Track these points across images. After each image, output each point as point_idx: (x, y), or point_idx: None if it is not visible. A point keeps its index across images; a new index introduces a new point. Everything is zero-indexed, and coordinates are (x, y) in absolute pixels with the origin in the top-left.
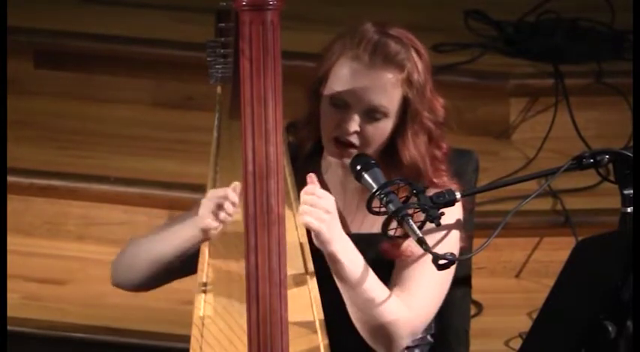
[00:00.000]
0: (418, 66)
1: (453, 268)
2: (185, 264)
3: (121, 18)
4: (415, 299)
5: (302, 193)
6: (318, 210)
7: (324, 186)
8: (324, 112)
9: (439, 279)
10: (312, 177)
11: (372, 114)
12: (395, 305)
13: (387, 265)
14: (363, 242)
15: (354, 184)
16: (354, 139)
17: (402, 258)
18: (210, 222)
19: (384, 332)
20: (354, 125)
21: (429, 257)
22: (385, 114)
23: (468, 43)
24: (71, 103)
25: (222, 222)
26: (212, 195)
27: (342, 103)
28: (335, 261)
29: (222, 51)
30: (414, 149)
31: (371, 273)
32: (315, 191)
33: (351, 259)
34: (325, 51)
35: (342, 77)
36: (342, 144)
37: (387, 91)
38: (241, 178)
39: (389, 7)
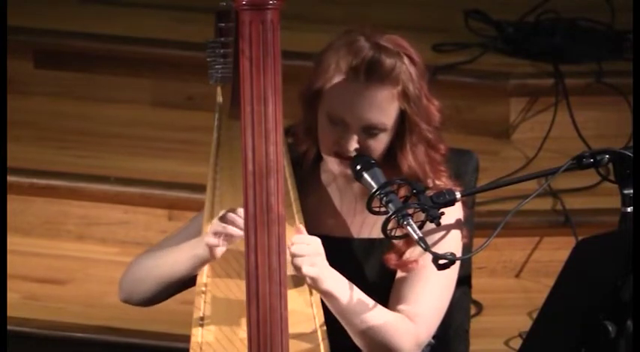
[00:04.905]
0: (413, 75)
1: (455, 273)
2: (192, 279)
3: (121, 18)
4: (419, 311)
5: (291, 246)
6: (310, 257)
7: (324, 192)
8: (322, 126)
9: (442, 286)
10: (298, 228)
11: (370, 130)
12: (398, 321)
13: (388, 271)
14: (364, 247)
15: (353, 190)
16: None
17: (404, 268)
18: (212, 240)
19: (390, 350)
20: (354, 144)
21: (431, 266)
22: (383, 130)
23: (468, 43)
24: (71, 103)
25: (230, 236)
26: (220, 217)
27: (340, 121)
28: (330, 297)
29: (222, 51)
30: (413, 160)
31: (367, 299)
32: (302, 240)
33: (344, 292)
34: (319, 62)
35: (338, 95)
36: (344, 158)
37: (385, 108)
38: (241, 178)
39: (389, 7)
